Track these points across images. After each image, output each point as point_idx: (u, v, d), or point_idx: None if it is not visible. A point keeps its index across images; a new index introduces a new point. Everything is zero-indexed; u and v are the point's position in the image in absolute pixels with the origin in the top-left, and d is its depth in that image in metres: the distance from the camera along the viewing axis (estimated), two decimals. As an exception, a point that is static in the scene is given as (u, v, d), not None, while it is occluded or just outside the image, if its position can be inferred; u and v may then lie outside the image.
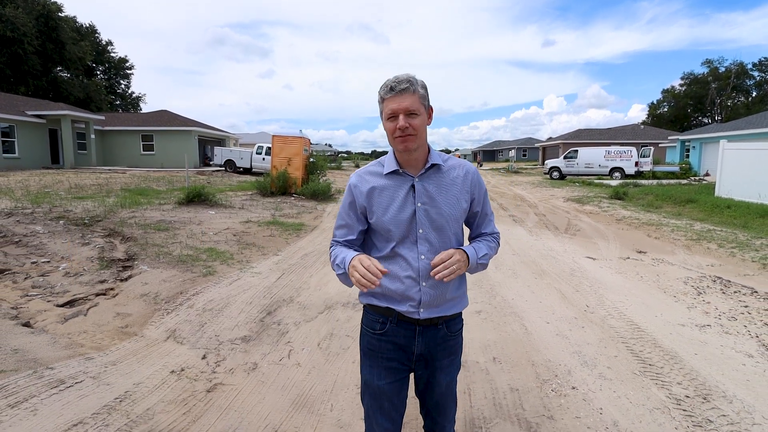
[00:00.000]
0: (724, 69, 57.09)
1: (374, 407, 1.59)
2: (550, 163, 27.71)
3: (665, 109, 63.86)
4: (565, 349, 3.50)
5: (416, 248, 1.49)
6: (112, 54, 50.90)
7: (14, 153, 21.78)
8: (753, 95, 57.25)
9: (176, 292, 4.71)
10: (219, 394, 2.81)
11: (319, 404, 2.73)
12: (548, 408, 2.69)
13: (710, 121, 56.57)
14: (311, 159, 16.07)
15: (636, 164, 24.86)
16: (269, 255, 6.57)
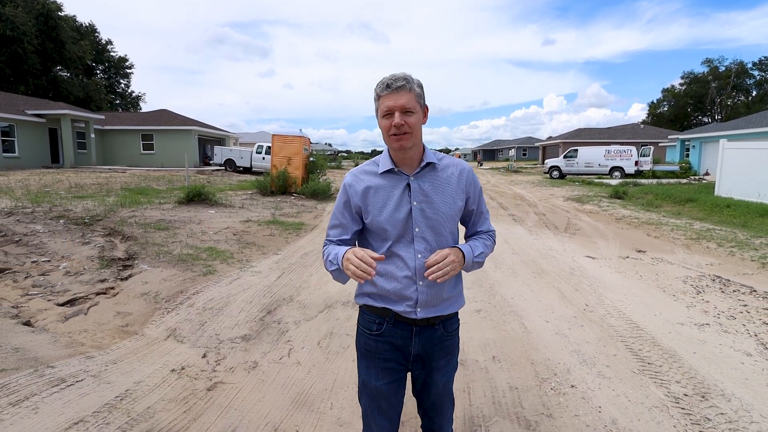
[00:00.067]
0: (724, 68, 57.10)
1: (372, 407, 1.60)
2: (550, 163, 27.71)
3: (665, 109, 63.85)
4: (565, 348, 3.51)
5: (412, 247, 1.48)
6: (112, 53, 50.90)
7: (14, 152, 21.78)
8: (753, 94, 57.26)
9: (176, 291, 4.71)
10: (219, 393, 2.82)
11: (319, 403, 2.74)
12: (547, 406, 2.70)
13: (710, 121, 56.55)
14: (311, 158, 16.07)
15: (636, 163, 24.86)
16: (269, 254, 6.58)
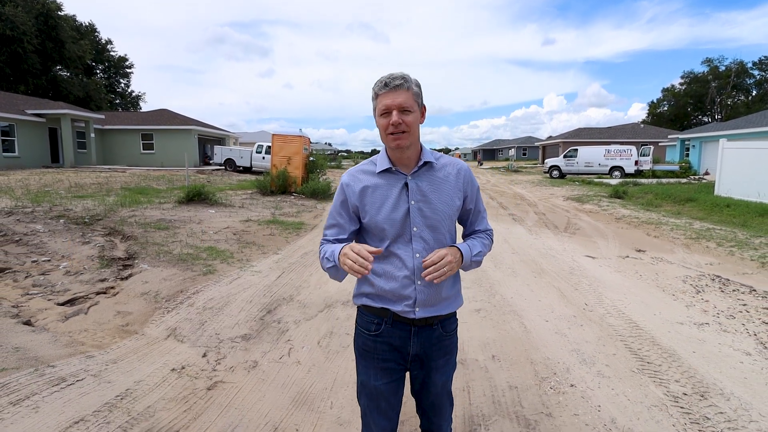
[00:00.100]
0: (724, 68, 57.08)
1: (371, 407, 1.60)
2: (550, 162, 27.71)
3: (665, 108, 63.84)
4: (564, 347, 3.52)
5: (411, 246, 1.48)
6: (112, 53, 50.89)
7: (14, 152, 21.78)
8: (753, 94, 57.25)
9: (176, 291, 4.72)
10: (219, 392, 2.82)
11: (319, 402, 2.75)
12: (547, 405, 2.71)
13: (710, 120, 56.56)
14: (311, 158, 16.07)
15: (636, 163, 24.87)
16: (269, 254, 6.59)
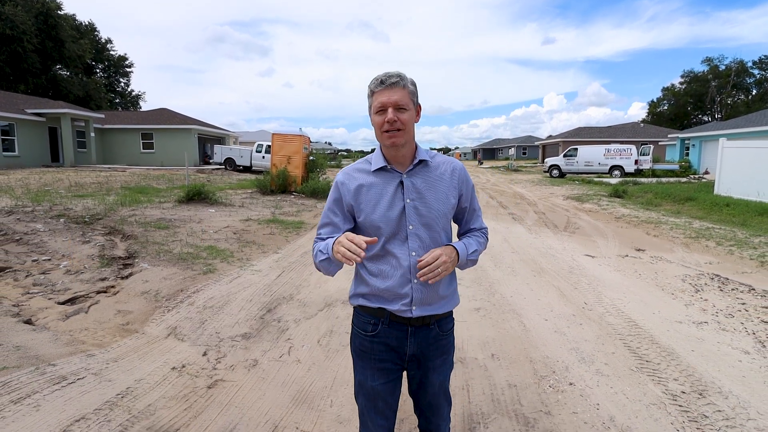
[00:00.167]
0: (725, 67, 57.06)
1: (369, 407, 1.60)
2: (550, 162, 27.71)
3: (665, 107, 63.81)
4: (563, 346, 3.53)
5: (406, 245, 1.48)
6: (112, 52, 50.87)
7: (14, 151, 21.79)
8: (753, 93, 57.22)
9: (177, 290, 4.73)
10: (220, 391, 2.84)
11: (319, 400, 2.76)
12: (546, 404, 2.72)
13: (710, 119, 56.53)
14: (311, 157, 16.07)
15: (635, 162, 24.87)
16: (269, 253, 6.60)
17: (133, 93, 55.10)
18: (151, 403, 2.65)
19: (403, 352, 1.56)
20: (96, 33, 47.98)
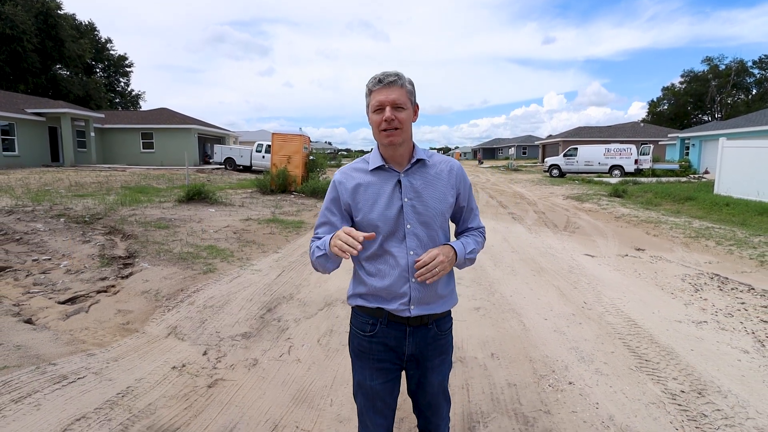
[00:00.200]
0: (725, 66, 57.05)
1: (367, 406, 1.60)
2: (550, 161, 27.72)
3: (665, 107, 63.81)
4: (563, 345, 3.53)
5: (404, 244, 1.48)
6: (112, 52, 50.86)
7: (14, 151, 21.80)
8: (753, 93, 57.21)
9: (177, 289, 4.74)
10: (220, 390, 2.84)
11: (319, 399, 2.77)
12: (545, 403, 2.73)
13: (710, 119, 56.53)
14: (311, 157, 16.08)
15: (635, 162, 24.88)
16: (269, 252, 6.60)
17: (133, 93, 55.15)
18: (152, 402, 2.65)
19: (402, 352, 1.56)
20: (96, 33, 47.98)
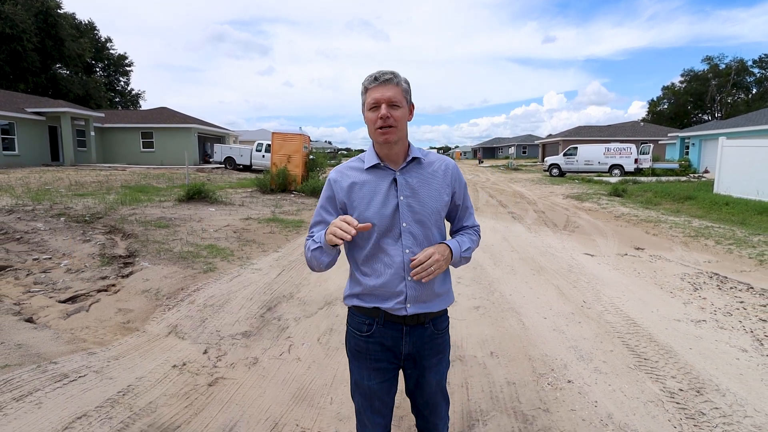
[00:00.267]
0: (725, 66, 57.01)
1: (365, 405, 1.61)
2: (550, 161, 27.72)
3: (665, 106, 63.78)
4: (562, 344, 3.54)
5: (400, 242, 1.48)
6: (112, 51, 50.82)
7: (14, 150, 21.80)
8: (753, 92, 57.17)
9: (177, 288, 4.75)
10: (220, 388, 2.85)
11: (319, 398, 2.78)
12: (544, 401, 2.74)
13: (710, 118, 56.49)
14: (311, 156, 16.08)
15: (635, 161, 24.88)
16: (269, 252, 6.61)
17: (133, 92, 55.11)
18: (152, 401, 2.66)
19: (399, 352, 1.56)
20: (96, 32, 47.93)
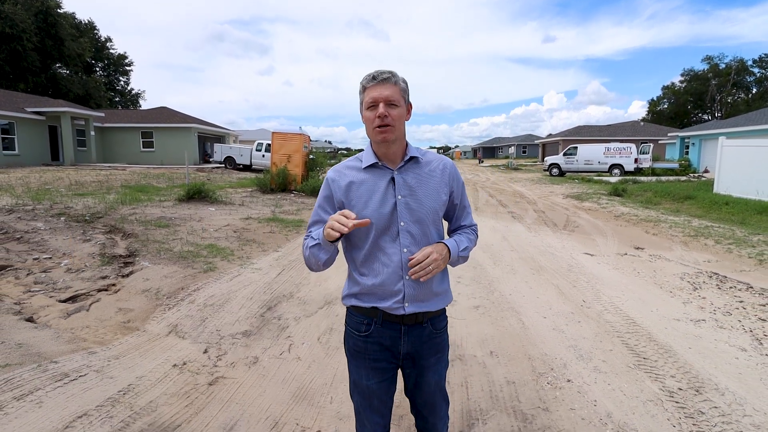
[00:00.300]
0: (725, 65, 56.98)
1: (364, 405, 1.62)
2: (550, 160, 27.72)
3: (665, 106, 63.75)
4: (561, 343, 3.55)
5: (398, 241, 1.48)
6: (111, 50, 50.79)
7: (14, 150, 21.80)
8: (753, 92, 57.14)
9: (177, 288, 4.75)
10: (220, 387, 2.86)
11: (319, 397, 2.79)
12: (543, 400, 2.74)
13: (710, 118, 56.48)
14: (311, 156, 16.08)
15: (635, 161, 24.88)
16: (269, 251, 6.62)
17: (133, 91, 55.07)
18: (153, 400, 2.67)
19: (397, 351, 1.57)
20: (95, 31, 47.90)
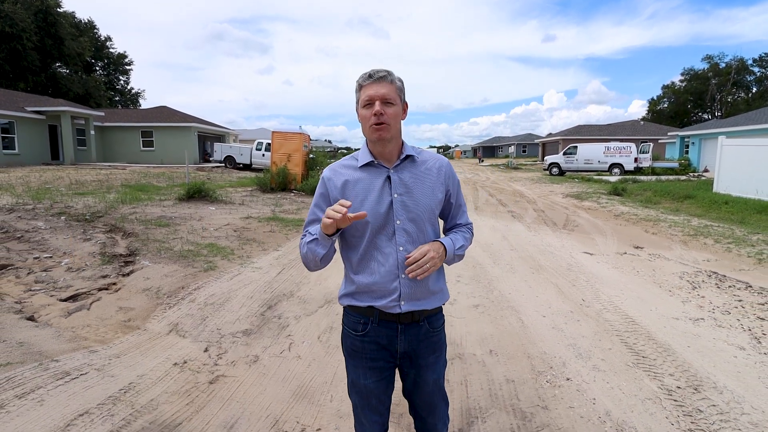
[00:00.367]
0: (725, 65, 56.95)
1: (362, 404, 1.62)
2: (550, 159, 27.72)
3: (665, 105, 63.72)
4: (561, 342, 3.56)
5: (394, 240, 1.48)
6: (111, 50, 50.73)
7: (14, 149, 21.80)
8: (753, 91, 57.11)
9: (178, 287, 4.76)
10: (221, 386, 2.87)
11: (320, 395, 2.80)
12: (543, 398, 2.76)
13: (710, 117, 56.48)
14: (311, 155, 16.10)
15: (635, 160, 24.89)
16: (269, 250, 6.63)
17: (133, 91, 55.02)
18: (154, 398, 2.68)
19: (394, 350, 1.57)
20: (95, 30, 47.84)
